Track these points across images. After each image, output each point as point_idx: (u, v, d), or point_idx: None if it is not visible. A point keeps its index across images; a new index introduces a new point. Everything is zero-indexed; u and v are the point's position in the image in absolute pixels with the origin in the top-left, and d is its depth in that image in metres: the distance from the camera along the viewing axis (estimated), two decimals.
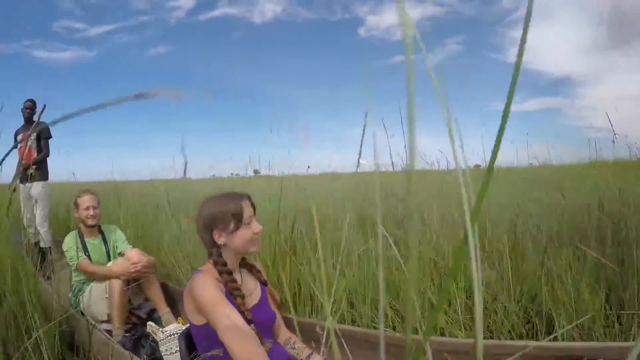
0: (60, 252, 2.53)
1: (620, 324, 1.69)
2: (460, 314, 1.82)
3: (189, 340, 1.36)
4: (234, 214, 1.32)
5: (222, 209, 1.35)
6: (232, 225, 1.33)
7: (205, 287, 1.26)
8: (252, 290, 1.44)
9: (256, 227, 1.35)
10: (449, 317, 1.85)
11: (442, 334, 1.78)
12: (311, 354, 1.44)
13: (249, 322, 1.24)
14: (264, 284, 1.49)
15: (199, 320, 1.30)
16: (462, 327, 1.81)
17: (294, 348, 1.46)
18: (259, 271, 1.51)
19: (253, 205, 1.39)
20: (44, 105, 3.19)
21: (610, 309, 1.73)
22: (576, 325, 1.64)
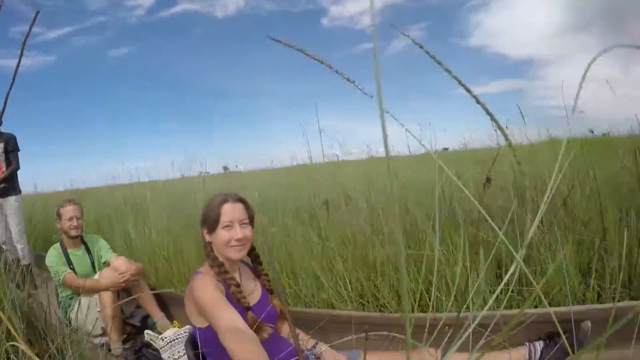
0: (41, 267, 2.44)
1: None
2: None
3: (195, 346, 1.36)
4: (212, 214, 1.33)
5: (205, 208, 1.37)
6: (210, 226, 1.34)
7: (205, 289, 1.27)
8: (252, 290, 1.44)
9: (236, 233, 1.31)
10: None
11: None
12: (316, 343, 1.47)
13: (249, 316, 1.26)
14: (269, 291, 1.49)
15: (201, 323, 1.30)
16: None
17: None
18: (267, 275, 1.51)
19: (249, 212, 1.38)
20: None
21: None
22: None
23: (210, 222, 1.34)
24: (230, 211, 1.33)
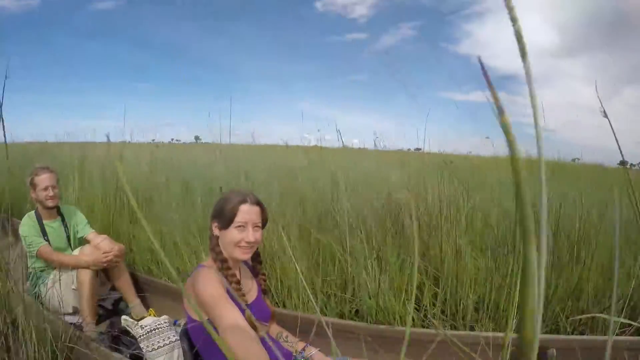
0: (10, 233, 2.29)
1: None
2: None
3: (190, 339, 1.32)
4: (227, 212, 1.31)
5: (222, 204, 1.35)
6: (223, 222, 1.32)
7: (209, 283, 1.24)
8: (250, 288, 1.44)
9: (248, 235, 1.31)
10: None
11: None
12: (305, 346, 1.47)
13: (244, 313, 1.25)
14: (264, 291, 1.49)
15: (199, 316, 1.27)
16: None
17: (287, 341, 1.49)
18: (264, 275, 1.51)
19: (263, 215, 1.37)
20: None
21: None
22: None
23: (224, 218, 1.32)
24: (247, 213, 1.31)
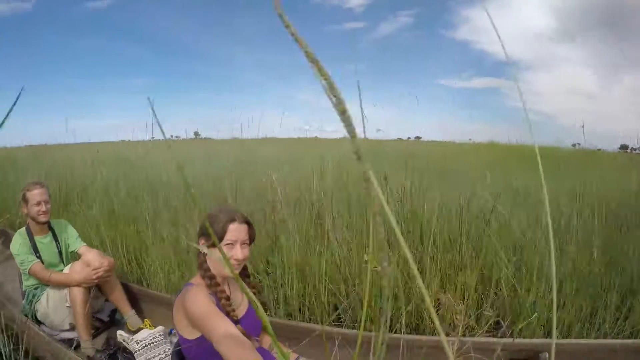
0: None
1: None
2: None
3: (182, 357, 1.35)
4: (216, 230, 1.33)
5: (210, 221, 1.36)
6: (211, 240, 1.33)
7: (198, 300, 1.27)
8: (240, 302, 1.46)
9: (237, 253, 1.33)
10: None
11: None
12: (298, 357, 1.51)
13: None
14: (263, 304, 1.51)
15: (191, 334, 1.31)
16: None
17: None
18: (254, 287, 1.53)
19: (250, 232, 1.39)
20: None
21: None
22: None
23: (211, 236, 1.33)
24: (236, 231, 1.34)
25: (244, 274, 1.53)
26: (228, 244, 1.32)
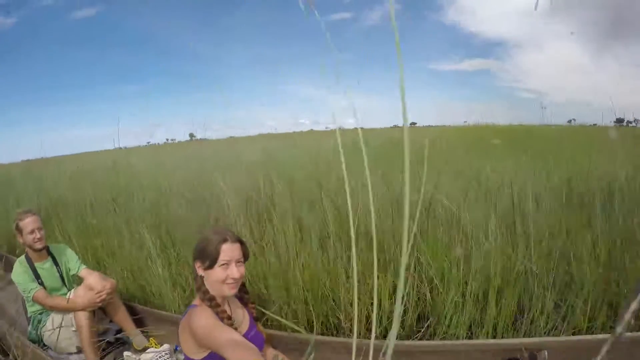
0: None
1: None
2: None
3: None
4: (210, 252, 1.37)
5: (203, 244, 1.40)
6: (207, 263, 1.38)
7: (203, 319, 1.33)
8: (242, 319, 1.51)
9: (232, 272, 1.37)
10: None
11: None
12: None
13: None
14: (255, 318, 1.55)
15: (198, 355, 1.35)
16: None
17: None
18: (252, 303, 1.58)
19: (244, 250, 1.43)
20: None
21: None
22: None
23: (208, 259, 1.38)
24: (230, 250, 1.38)
25: (243, 290, 1.58)
26: (223, 264, 1.37)
